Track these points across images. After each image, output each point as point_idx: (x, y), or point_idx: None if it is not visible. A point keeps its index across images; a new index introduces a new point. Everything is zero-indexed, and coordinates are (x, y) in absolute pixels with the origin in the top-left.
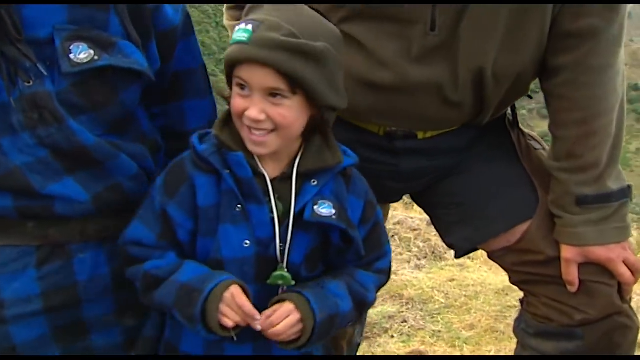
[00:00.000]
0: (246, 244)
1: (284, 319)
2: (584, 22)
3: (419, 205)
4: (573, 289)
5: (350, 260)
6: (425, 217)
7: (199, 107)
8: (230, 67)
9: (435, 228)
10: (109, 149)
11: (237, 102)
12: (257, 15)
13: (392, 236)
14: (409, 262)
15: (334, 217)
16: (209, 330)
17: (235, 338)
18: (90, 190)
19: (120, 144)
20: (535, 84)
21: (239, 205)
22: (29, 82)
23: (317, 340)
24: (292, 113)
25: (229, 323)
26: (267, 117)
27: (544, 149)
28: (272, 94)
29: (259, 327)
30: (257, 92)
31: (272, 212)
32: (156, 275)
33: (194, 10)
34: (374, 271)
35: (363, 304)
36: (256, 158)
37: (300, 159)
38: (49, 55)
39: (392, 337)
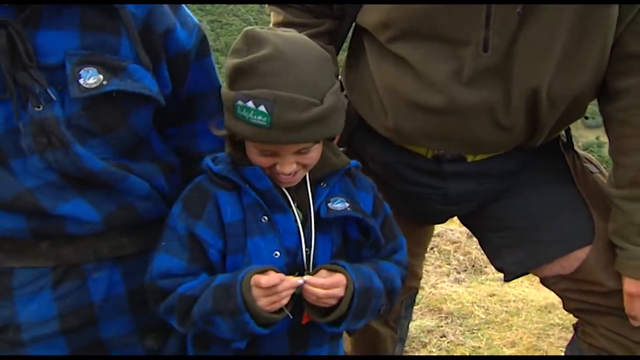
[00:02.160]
0: (276, 254)
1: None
2: None
3: (467, 227)
4: (637, 323)
5: (369, 256)
6: (466, 229)
7: (210, 131)
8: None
9: (484, 251)
10: (116, 172)
11: (263, 161)
12: (264, 90)
13: (431, 248)
14: (448, 275)
15: (348, 209)
16: (258, 320)
17: (291, 316)
18: (102, 210)
19: (131, 166)
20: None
21: (265, 217)
22: (39, 107)
23: (354, 313)
24: (318, 152)
25: (274, 306)
26: (298, 164)
27: (601, 172)
28: (301, 150)
29: (301, 281)
30: (287, 153)
31: (296, 219)
32: (192, 294)
33: (235, 19)
34: (394, 262)
35: (392, 289)
36: None
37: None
38: (59, 81)
39: (431, 352)
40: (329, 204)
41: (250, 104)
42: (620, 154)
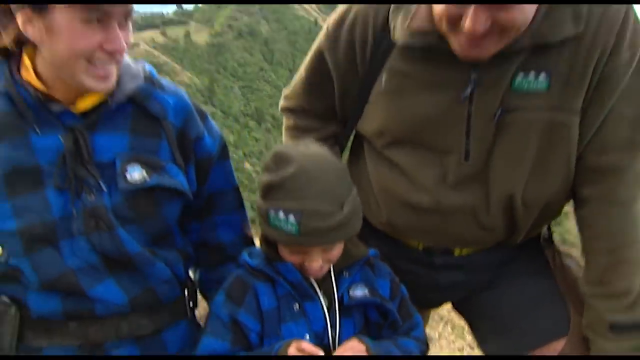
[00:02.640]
0: (306, 337)
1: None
2: (608, 159)
3: (458, 312)
4: None
5: (389, 336)
6: None
7: (230, 222)
8: None
9: (473, 335)
10: (149, 256)
11: (294, 258)
12: (292, 202)
13: (445, 323)
14: (462, 350)
15: (367, 295)
16: None
17: None
18: (129, 293)
19: (158, 252)
20: None
21: (297, 305)
22: (91, 196)
23: None
24: (340, 248)
25: None
26: (323, 260)
27: (581, 268)
28: (326, 249)
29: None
30: (314, 252)
31: (322, 306)
32: None
33: (266, 85)
34: (412, 338)
35: (410, 354)
36: None
37: None
38: (109, 175)
39: None
40: (350, 292)
41: (281, 214)
42: (588, 254)
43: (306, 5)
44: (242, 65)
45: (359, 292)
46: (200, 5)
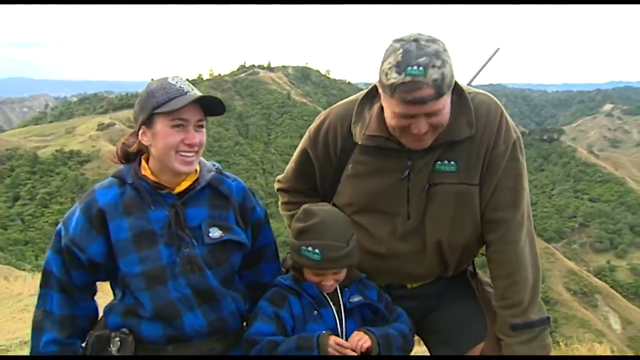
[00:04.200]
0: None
1: (359, 337)
2: (499, 214)
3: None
4: None
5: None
6: None
7: (272, 268)
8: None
9: (428, 348)
10: (222, 292)
11: (315, 279)
12: (317, 240)
13: None
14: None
15: (362, 300)
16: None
17: None
18: (207, 319)
19: (228, 291)
20: None
21: (316, 311)
22: (187, 249)
23: (385, 350)
24: (344, 273)
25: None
26: (334, 280)
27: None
28: (335, 273)
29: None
30: (328, 274)
31: (333, 311)
32: (276, 340)
33: (242, 159)
34: (399, 322)
35: (403, 334)
36: None
37: None
38: (198, 234)
39: None
40: (350, 300)
41: (310, 248)
42: (493, 279)
43: (279, 80)
44: (217, 140)
45: (356, 299)
46: None
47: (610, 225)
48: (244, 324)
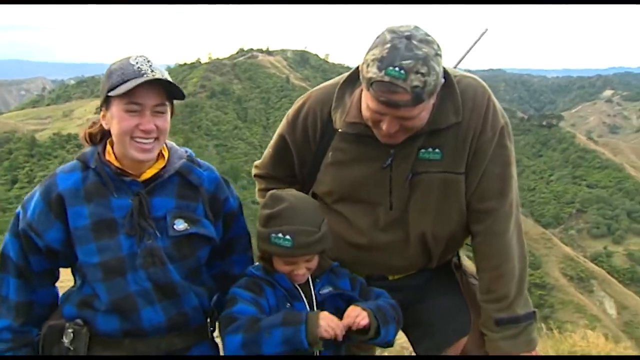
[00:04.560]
0: None
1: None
2: (486, 204)
3: None
4: None
5: None
6: None
7: (243, 260)
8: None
9: (408, 339)
10: (185, 286)
11: (286, 268)
12: (288, 226)
13: None
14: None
15: (331, 290)
16: (308, 336)
17: (321, 349)
18: (167, 314)
19: (191, 285)
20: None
21: (289, 303)
22: (149, 240)
23: (381, 320)
24: (316, 260)
25: (329, 334)
26: (306, 269)
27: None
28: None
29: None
30: (300, 262)
31: (305, 304)
32: (259, 317)
33: (240, 142)
34: (380, 299)
35: (392, 306)
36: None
37: None
38: (162, 226)
39: None
40: (321, 292)
41: (280, 235)
42: (478, 271)
43: (277, 64)
44: (216, 124)
45: (325, 290)
46: (172, 66)
47: (608, 211)
48: (208, 319)
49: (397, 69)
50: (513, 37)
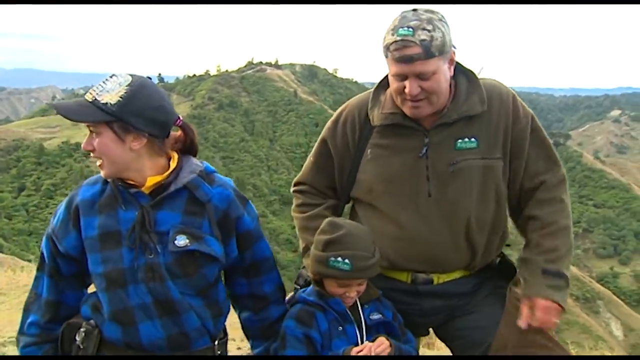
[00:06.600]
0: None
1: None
2: (538, 179)
3: (439, 338)
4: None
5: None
6: None
7: (271, 279)
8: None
9: (451, 352)
10: (185, 305)
11: (339, 290)
12: (346, 251)
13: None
14: None
15: (381, 318)
16: None
17: None
18: (167, 331)
19: (194, 305)
20: None
21: (340, 327)
22: (151, 255)
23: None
24: (365, 284)
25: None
26: (357, 292)
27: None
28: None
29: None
30: (353, 285)
31: (356, 328)
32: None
33: (247, 155)
34: (407, 345)
35: (411, 355)
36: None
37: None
38: (164, 241)
39: None
40: (371, 317)
41: (339, 259)
42: (528, 233)
43: (286, 77)
44: (223, 136)
45: (376, 316)
46: (180, 77)
47: (614, 231)
48: (215, 342)
49: (405, 28)
50: (521, 56)
